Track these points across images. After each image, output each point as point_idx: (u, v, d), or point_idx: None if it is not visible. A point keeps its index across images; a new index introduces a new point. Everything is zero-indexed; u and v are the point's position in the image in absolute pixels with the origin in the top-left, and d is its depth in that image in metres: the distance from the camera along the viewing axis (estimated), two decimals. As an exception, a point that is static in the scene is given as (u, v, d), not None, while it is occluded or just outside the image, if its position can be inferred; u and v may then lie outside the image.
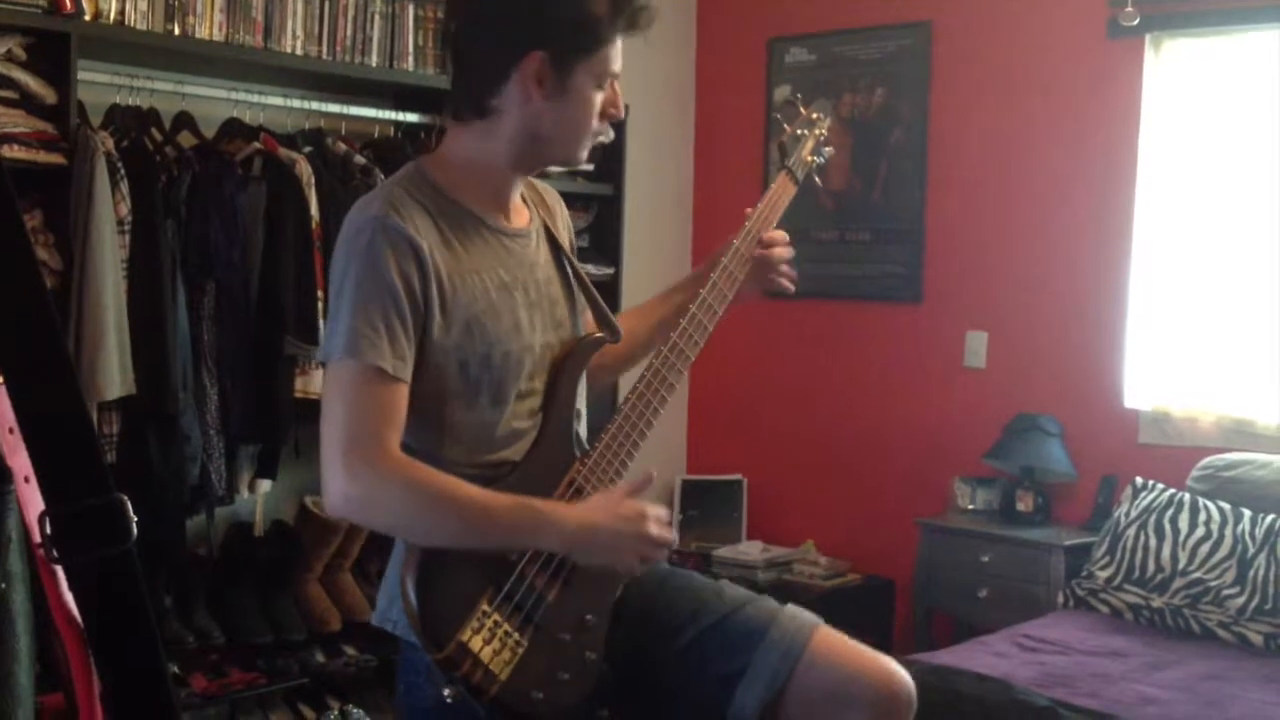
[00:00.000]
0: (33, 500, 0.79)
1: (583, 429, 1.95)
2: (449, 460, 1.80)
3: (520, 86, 1.81)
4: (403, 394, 1.75)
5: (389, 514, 1.76)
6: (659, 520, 1.81)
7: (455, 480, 1.74)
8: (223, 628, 3.39)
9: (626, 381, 2.07)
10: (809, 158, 2.14)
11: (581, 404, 1.97)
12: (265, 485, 3.57)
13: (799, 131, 2.16)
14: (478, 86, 1.84)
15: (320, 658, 3.62)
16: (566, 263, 1.99)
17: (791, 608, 1.95)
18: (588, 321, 2.02)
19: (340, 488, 1.70)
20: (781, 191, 2.09)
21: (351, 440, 1.70)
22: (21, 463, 0.78)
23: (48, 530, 0.78)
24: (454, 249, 1.81)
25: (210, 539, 3.52)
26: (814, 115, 2.18)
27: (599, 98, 1.86)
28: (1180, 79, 4.03)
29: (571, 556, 1.79)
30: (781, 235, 2.10)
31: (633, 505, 1.80)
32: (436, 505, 1.72)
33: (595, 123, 1.88)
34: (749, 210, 2.09)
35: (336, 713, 3.64)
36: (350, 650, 3.68)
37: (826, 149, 2.18)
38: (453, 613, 1.71)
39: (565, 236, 2.04)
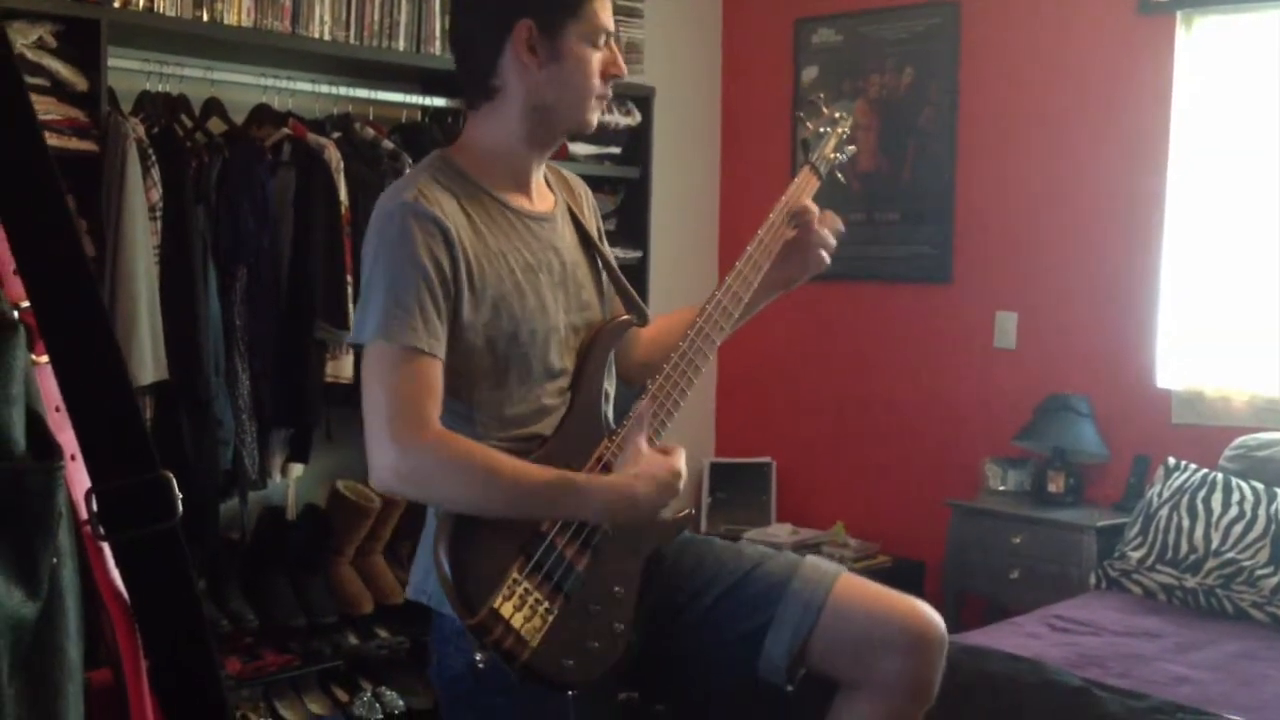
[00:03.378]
0: (79, 477, 0.79)
1: (610, 412, 1.98)
2: (480, 435, 1.84)
3: (515, 59, 1.86)
4: (438, 369, 1.79)
5: (439, 487, 1.79)
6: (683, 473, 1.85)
7: (497, 454, 1.78)
8: (256, 611, 3.42)
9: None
10: (832, 154, 2.18)
11: (610, 386, 2.00)
12: (297, 469, 3.60)
13: (822, 129, 2.19)
14: (478, 68, 1.89)
15: (353, 640, 3.64)
16: (593, 248, 2.02)
17: (812, 558, 1.98)
18: (615, 307, 2.05)
19: (390, 463, 1.75)
20: (805, 185, 2.12)
21: (396, 417, 1.74)
22: (68, 440, 0.78)
23: (94, 507, 0.79)
24: (480, 231, 1.86)
25: (243, 523, 3.55)
26: (836, 115, 2.21)
27: (596, 58, 1.90)
28: (1212, 56, 3.99)
29: (604, 525, 1.83)
30: (816, 210, 2.09)
31: (668, 466, 1.83)
32: (483, 479, 1.76)
33: (598, 84, 1.91)
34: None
35: (369, 695, 3.66)
36: (383, 632, 3.71)
37: (849, 147, 2.22)
38: (485, 581, 1.74)
39: (592, 222, 2.07)
